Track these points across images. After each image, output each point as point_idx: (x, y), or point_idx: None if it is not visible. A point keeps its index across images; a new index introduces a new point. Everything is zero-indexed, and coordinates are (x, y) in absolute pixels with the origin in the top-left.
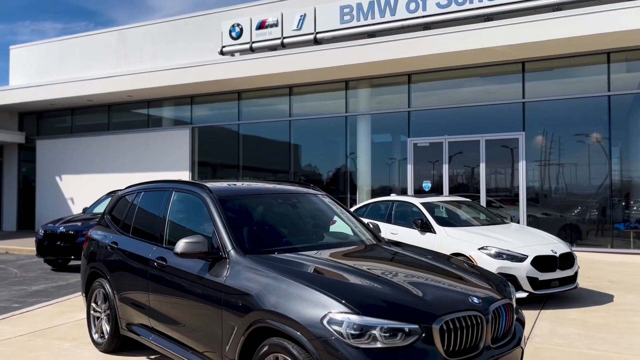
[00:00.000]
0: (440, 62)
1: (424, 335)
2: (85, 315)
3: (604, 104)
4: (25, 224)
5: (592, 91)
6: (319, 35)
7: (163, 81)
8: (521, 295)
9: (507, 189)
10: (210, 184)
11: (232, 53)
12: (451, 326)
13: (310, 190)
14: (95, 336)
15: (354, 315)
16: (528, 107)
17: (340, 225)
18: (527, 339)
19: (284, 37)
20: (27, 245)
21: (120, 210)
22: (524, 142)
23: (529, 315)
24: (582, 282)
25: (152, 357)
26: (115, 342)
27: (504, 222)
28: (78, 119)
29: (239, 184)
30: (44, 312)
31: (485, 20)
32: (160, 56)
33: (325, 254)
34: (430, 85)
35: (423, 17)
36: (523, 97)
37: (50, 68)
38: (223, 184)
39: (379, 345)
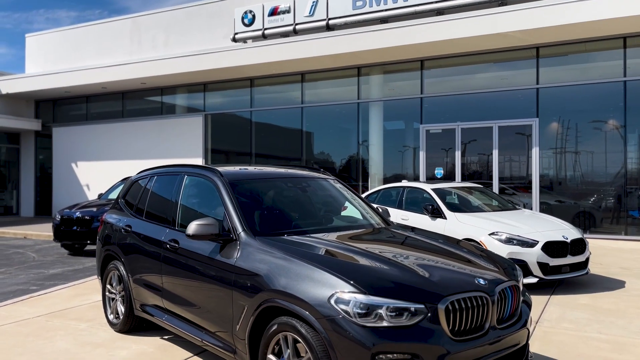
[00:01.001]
0: (453, 47)
1: (429, 315)
2: (100, 298)
3: (620, 90)
4: (42, 210)
5: (607, 77)
6: (331, 22)
7: (176, 68)
8: (531, 280)
9: (520, 176)
10: (221, 168)
11: (244, 40)
12: (457, 306)
13: (321, 175)
14: (111, 317)
15: (361, 295)
16: (542, 93)
17: (350, 210)
18: (536, 323)
19: (296, 24)
20: (44, 231)
21: (134, 195)
22: (537, 128)
23: (538, 300)
24: (593, 268)
25: (166, 337)
26: (130, 323)
27: (515, 209)
28: (93, 106)
29: (249, 168)
30: (61, 294)
31: (499, 5)
32: (173, 43)
33: (334, 236)
34: (443, 72)
35: (436, 2)
36: (537, 83)
37: (65, 56)
38: (234, 168)
39: (385, 324)
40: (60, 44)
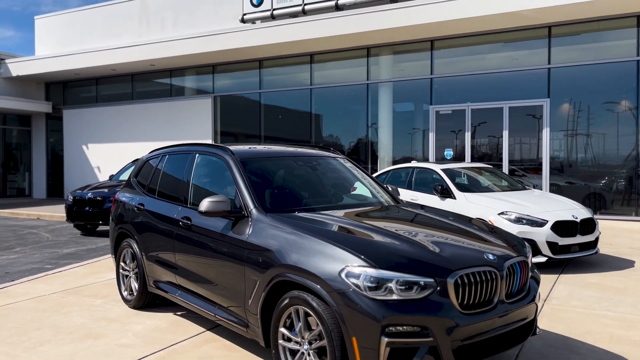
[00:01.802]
0: (464, 27)
1: (439, 288)
2: (114, 276)
3: (633, 70)
4: (54, 192)
5: (620, 56)
6: (340, 1)
7: (184, 50)
8: (540, 259)
9: (531, 158)
10: (232, 147)
11: (253, 21)
12: (466, 281)
13: (331, 154)
14: (125, 293)
15: (371, 269)
16: (553, 73)
17: (359, 188)
18: (545, 301)
19: (305, 4)
20: (57, 212)
21: (146, 174)
22: (548, 109)
23: (547, 279)
24: (603, 248)
25: (179, 313)
26: (144, 299)
27: (525, 189)
28: (102, 88)
29: (260, 147)
30: (75, 272)
31: None
32: (181, 25)
33: (344, 213)
34: (453, 52)
35: None
36: (548, 63)
37: (74, 38)
38: (245, 147)
39: (395, 297)
40: (69, 26)
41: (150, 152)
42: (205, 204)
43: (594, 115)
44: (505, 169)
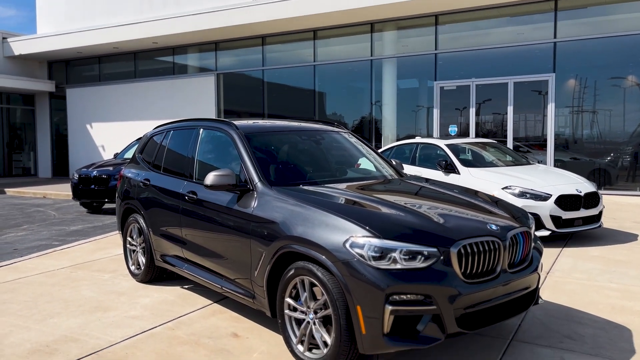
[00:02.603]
0: (468, 1)
1: (442, 258)
2: (121, 252)
3: None
4: (60, 171)
5: (628, 29)
6: None
7: (187, 27)
8: (544, 233)
9: (535, 134)
10: (236, 121)
11: None
12: (469, 250)
13: (334, 128)
14: (132, 268)
15: (375, 239)
16: (559, 47)
17: (363, 163)
18: (548, 273)
19: None
20: (63, 190)
21: (151, 150)
22: (553, 84)
23: (551, 252)
24: (607, 222)
25: (186, 286)
26: (151, 273)
27: (529, 164)
28: (105, 67)
29: (264, 121)
30: (83, 248)
31: None
32: (184, 1)
33: (348, 186)
34: (458, 27)
35: None
36: (554, 37)
37: (76, 16)
38: (249, 121)
39: (398, 266)
40: (71, 4)
41: (154, 128)
42: (210, 178)
43: (599, 91)
44: (510, 145)
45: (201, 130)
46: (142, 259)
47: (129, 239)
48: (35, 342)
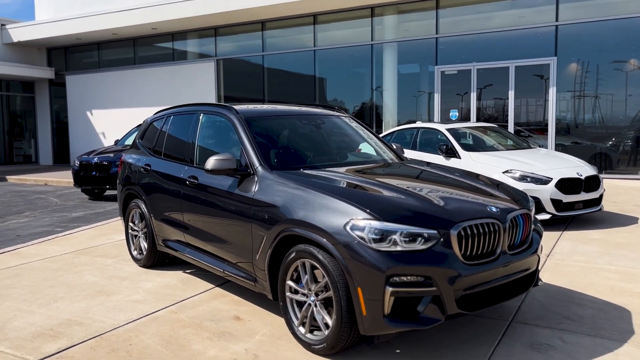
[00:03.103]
0: None
1: (442, 240)
2: (123, 237)
3: None
4: (61, 159)
5: (630, 12)
6: None
7: (186, 12)
8: (544, 217)
9: (537, 118)
10: (236, 106)
11: None
12: (469, 232)
13: (335, 113)
14: (135, 253)
15: (375, 221)
16: (561, 31)
17: (364, 147)
18: (548, 256)
19: None
20: (64, 178)
21: (151, 135)
22: (555, 68)
23: (551, 235)
24: (608, 206)
25: (188, 271)
26: (153, 258)
27: (530, 147)
28: (104, 53)
29: (264, 106)
30: (86, 234)
31: None
32: None
33: (349, 169)
34: (458, 11)
35: None
36: (556, 20)
37: (75, 1)
38: (249, 106)
39: (399, 248)
40: None
41: (155, 114)
42: (211, 162)
43: (601, 75)
44: (511, 129)
45: (201, 115)
46: (144, 244)
47: (130, 224)
48: (39, 325)
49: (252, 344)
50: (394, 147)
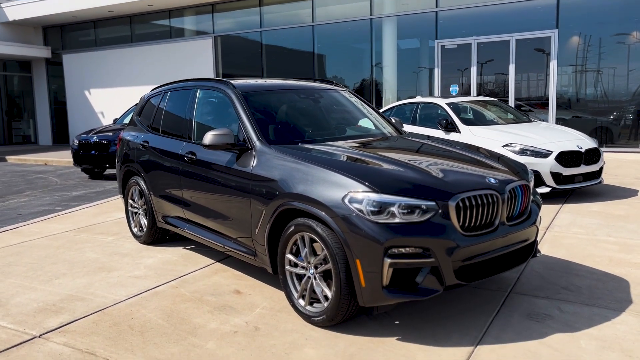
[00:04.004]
0: None
1: (440, 211)
2: (123, 215)
3: None
4: (60, 139)
5: None
6: None
7: None
8: (544, 190)
9: (538, 92)
10: (233, 80)
11: None
12: (467, 203)
13: (333, 87)
14: (135, 230)
15: (373, 194)
16: (563, 2)
17: (362, 121)
18: (547, 229)
19: None
20: (64, 157)
21: (149, 112)
22: (556, 40)
23: (550, 208)
24: (608, 179)
25: (189, 247)
26: (154, 235)
27: (530, 121)
28: (101, 31)
29: (261, 80)
30: (86, 212)
31: None
32: None
33: (347, 143)
34: None
35: None
36: None
37: None
38: (246, 81)
39: (397, 220)
40: None
41: (152, 90)
42: (209, 137)
43: (603, 48)
44: (512, 104)
45: (198, 90)
46: (144, 221)
47: (130, 201)
48: (41, 301)
49: (253, 316)
50: (393, 120)
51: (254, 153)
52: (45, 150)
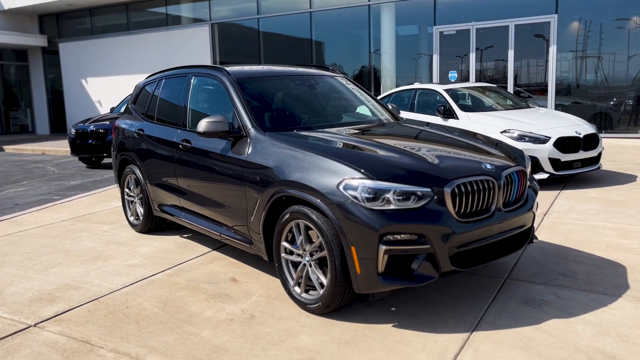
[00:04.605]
0: None
1: (436, 197)
2: (120, 204)
3: None
4: (58, 128)
5: None
6: None
7: None
8: (542, 176)
9: (537, 79)
10: (228, 67)
11: None
12: (463, 189)
13: (329, 73)
14: (131, 219)
15: (368, 180)
16: None
17: (359, 107)
18: (544, 215)
19: None
20: (62, 147)
21: (144, 100)
22: (556, 26)
23: (548, 194)
24: (607, 164)
25: (185, 235)
26: (150, 223)
27: (529, 107)
28: (97, 19)
29: (256, 67)
30: (83, 201)
31: None
32: None
33: (342, 130)
34: None
35: None
36: None
37: None
38: (241, 67)
39: (392, 207)
40: None
41: (147, 77)
42: (203, 125)
43: (603, 33)
44: (511, 90)
45: (193, 77)
46: (140, 210)
47: (126, 190)
48: (37, 290)
49: (249, 304)
50: (390, 107)
51: (248, 140)
52: (42, 139)
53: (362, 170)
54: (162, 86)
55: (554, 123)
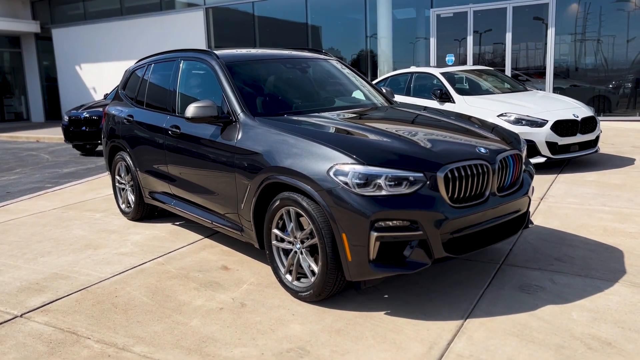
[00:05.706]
0: None
1: (428, 183)
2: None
3: None
4: (52, 115)
5: None
6: None
7: None
8: (539, 160)
9: (536, 62)
10: (217, 51)
11: None
12: (456, 174)
13: (321, 56)
14: (123, 206)
15: (359, 166)
16: None
17: (352, 91)
18: (541, 199)
19: None
20: (56, 134)
21: (133, 85)
22: (554, 8)
23: (545, 178)
24: (605, 148)
25: (177, 223)
26: (141, 211)
27: (526, 90)
28: (90, 4)
29: (246, 50)
30: (75, 189)
31: None
32: None
33: (334, 114)
34: None
35: None
36: None
37: None
38: (231, 51)
39: (384, 193)
40: None
41: (136, 62)
42: (191, 110)
43: (602, 16)
44: (509, 73)
45: (182, 61)
46: (131, 197)
47: (117, 177)
48: (25, 280)
49: (239, 293)
50: (384, 90)
51: (238, 126)
52: (37, 127)
53: (353, 156)
54: (151, 71)
55: (551, 106)
